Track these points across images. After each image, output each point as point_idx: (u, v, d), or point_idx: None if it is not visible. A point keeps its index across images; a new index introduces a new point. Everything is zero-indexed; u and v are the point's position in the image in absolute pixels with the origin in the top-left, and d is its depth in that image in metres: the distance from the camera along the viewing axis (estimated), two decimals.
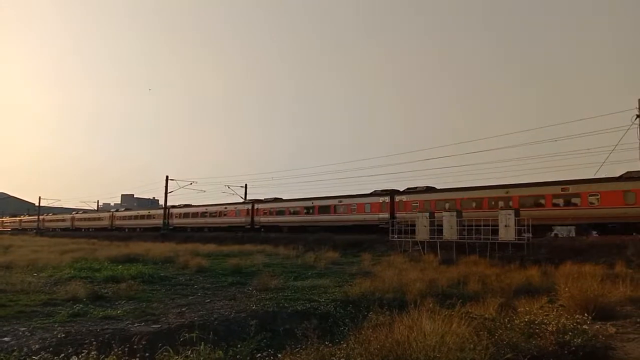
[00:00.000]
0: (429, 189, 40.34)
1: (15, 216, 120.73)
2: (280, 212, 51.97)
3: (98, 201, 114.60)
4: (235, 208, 57.37)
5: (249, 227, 53.36)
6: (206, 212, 61.13)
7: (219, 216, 58.87)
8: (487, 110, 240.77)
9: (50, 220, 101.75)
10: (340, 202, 44.53)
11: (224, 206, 59.07)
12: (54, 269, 19.12)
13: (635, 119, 24.68)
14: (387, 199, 40.86)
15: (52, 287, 14.68)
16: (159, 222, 66.50)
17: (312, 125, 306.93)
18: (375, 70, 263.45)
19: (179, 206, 68.36)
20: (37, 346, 7.66)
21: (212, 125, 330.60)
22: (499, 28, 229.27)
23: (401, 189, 41.91)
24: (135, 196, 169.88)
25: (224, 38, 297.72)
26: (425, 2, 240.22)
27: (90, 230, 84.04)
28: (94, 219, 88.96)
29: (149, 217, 73.25)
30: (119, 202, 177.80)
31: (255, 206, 54.54)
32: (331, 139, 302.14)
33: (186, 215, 65.07)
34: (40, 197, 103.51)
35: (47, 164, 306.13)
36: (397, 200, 40.20)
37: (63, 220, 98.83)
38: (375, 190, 43.08)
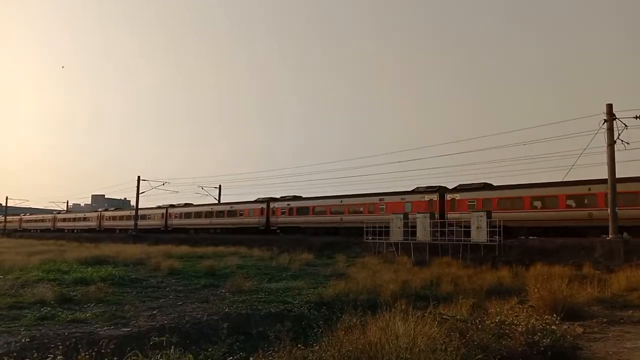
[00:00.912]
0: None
1: None
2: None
3: (68, 202, 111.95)
4: (403, 199, 38.02)
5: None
6: (341, 207, 43.48)
7: (364, 213, 40.91)
8: (456, 113, 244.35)
9: (64, 220, 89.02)
10: None
11: (379, 197, 40.68)
12: (21, 271, 18.63)
13: (603, 123, 25.25)
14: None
15: (19, 289, 14.28)
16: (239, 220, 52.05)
17: (307, 125, 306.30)
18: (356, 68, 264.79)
19: (285, 198, 50.52)
20: (0, 351, 7.45)
21: (182, 125, 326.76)
22: (468, 29, 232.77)
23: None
24: (106, 197, 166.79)
25: (210, 33, 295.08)
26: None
27: (131, 232, 60.14)
28: (149, 217, 67.03)
29: (216, 214, 56.33)
30: (89, 203, 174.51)
31: (448, 196, 35.56)
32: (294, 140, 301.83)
33: (301, 210, 47.19)
34: (7, 197, 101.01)
35: (14, 164, 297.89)
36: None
37: (85, 219, 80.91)
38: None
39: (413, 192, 38.62)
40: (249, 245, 36.42)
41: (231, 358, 6.48)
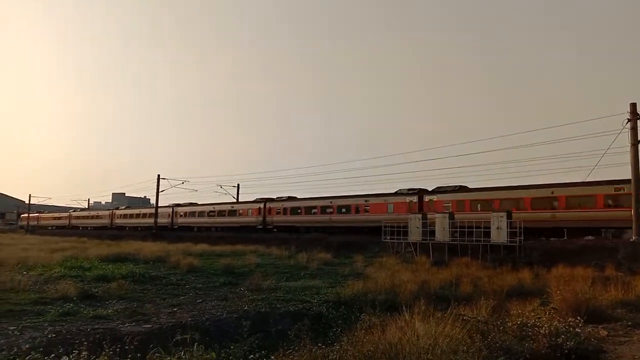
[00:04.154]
0: None
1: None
2: None
3: (89, 199, 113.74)
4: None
5: None
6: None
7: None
8: (477, 113, 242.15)
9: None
10: None
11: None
12: (44, 268, 18.96)
13: (626, 122, 24.79)
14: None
15: (42, 285, 14.56)
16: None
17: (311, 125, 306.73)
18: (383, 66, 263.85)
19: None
20: (27, 346, 7.59)
21: (203, 123, 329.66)
22: (492, 28, 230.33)
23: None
24: (126, 195, 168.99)
25: (224, 32, 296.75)
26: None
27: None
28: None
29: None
30: (110, 201, 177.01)
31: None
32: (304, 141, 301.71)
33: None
34: (30, 195, 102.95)
35: (36, 162, 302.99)
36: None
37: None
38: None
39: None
40: (267, 244, 36.54)
41: (252, 356, 6.50)
